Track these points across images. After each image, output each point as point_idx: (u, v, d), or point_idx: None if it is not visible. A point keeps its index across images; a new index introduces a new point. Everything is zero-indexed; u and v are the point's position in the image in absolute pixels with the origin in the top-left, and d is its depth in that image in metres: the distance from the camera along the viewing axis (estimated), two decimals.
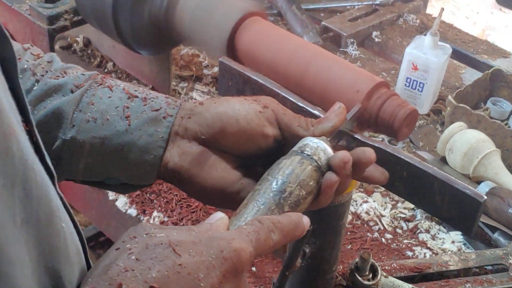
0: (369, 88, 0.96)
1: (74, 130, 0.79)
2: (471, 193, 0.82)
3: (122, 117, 0.79)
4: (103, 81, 0.83)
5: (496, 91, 1.63)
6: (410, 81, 1.57)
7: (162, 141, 0.79)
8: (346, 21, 1.86)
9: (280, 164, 0.76)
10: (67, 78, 0.81)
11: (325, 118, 0.82)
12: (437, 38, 1.53)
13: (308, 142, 0.78)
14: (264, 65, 1.05)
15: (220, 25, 1.09)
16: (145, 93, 0.83)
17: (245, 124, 0.78)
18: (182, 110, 0.81)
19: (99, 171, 0.81)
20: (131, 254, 0.58)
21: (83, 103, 0.80)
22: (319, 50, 1.04)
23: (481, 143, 1.39)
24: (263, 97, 0.83)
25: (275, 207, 0.72)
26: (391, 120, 0.91)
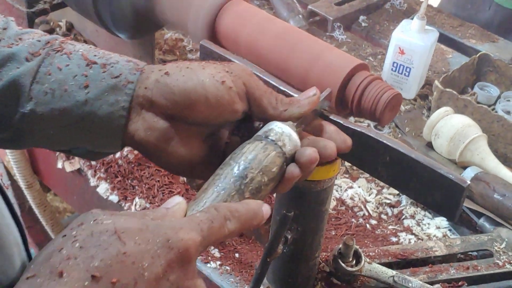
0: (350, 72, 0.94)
1: (33, 103, 0.76)
2: (454, 178, 0.80)
3: (80, 87, 0.76)
4: (61, 47, 0.79)
5: (483, 76, 1.62)
6: (396, 66, 1.55)
7: (123, 110, 0.76)
8: (333, 5, 1.84)
9: (243, 148, 0.74)
10: (21, 46, 0.78)
11: (296, 101, 0.80)
12: (424, 22, 1.51)
13: (274, 126, 0.76)
14: (246, 48, 1.03)
15: (201, 8, 1.07)
16: (105, 57, 0.79)
17: (215, 101, 0.76)
18: (146, 79, 0.77)
19: (62, 142, 0.79)
20: (75, 242, 0.57)
21: (40, 74, 0.76)
22: (301, 33, 1.02)
23: (467, 128, 1.38)
24: (235, 65, 0.80)
25: (235, 193, 0.70)
26: (373, 104, 0.90)
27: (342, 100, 0.95)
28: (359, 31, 1.84)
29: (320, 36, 1.76)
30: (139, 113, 0.77)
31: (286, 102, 0.80)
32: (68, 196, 1.48)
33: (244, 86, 0.78)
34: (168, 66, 0.79)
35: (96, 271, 0.55)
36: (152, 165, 1.31)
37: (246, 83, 0.78)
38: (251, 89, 0.78)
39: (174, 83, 0.76)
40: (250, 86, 0.78)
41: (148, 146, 0.78)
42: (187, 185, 1.29)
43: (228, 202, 0.69)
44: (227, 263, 1.15)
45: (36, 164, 1.56)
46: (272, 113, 0.79)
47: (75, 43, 0.81)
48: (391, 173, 0.86)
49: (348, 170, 1.39)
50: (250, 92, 0.78)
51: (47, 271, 0.55)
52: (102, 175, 1.31)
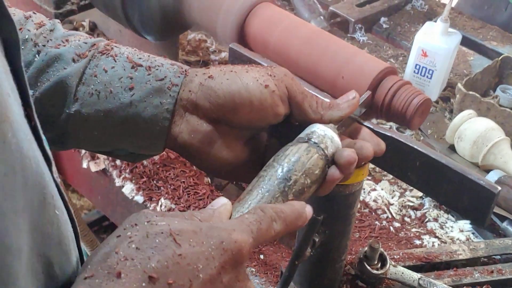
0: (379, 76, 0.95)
1: (78, 104, 0.78)
2: (485, 184, 0.80)
3: (126, 89, 0.78)
4: (107, 49, 0.80)
5: (505, 79, 1.62)
6: (419, 68, 1.55)
7: (168, 112, 0.78)
8: (354, 6, 1.85)
9: (286, 150, 0.75)
10: (68, 47, 0.79)
11: (336, 104, 0.81)
12: (447, 25, 1.51)
13: (316, 129, 0.77)
14: (275, 52, 1.04)
15: (230, 11, 1.07)
16: (150, 60, 0.80)
17: (258, 105, 0.77)
18: (190, 82, 0.79)
19: (106, 143, 0.81)
20: (131, 243, 0.58)
21: (87, 75, 0.78)
22: (330, 37, 1.03)
23: (490, 131, 1.38)
24: (278, 68, 0.80)
25: (279, 195, 0.72)
26: (404, 109, 0.90)
27: (371, 104, 0.96)
28: (380, 32, 1.84)
29: (342, 37, 1.77)
30: (182, 116, 0.79)
31: (327, 106, 0.80)
32: (92, 196, 1.49)
33: (287, 90, 0.79)
34: (212, 69, 0.80)
35: (153, 272, 0.56)
36: (177, 166, 1.31)
37: (289, 87, 0.79)
38: (293, 93, 0.79)
39: (218, 86, 0.77)
40: (292, 90, 0.79)
41: (191, 149, 0.79)
42: (212, 186, 1.30)
43: (272, 203, 0.70)
44: (252, 265, 1.16)
45: (60, 163, 1.57)
46: (313, 116, 0.80)
47: (120, 46, 0.83)
48: (421, 178, 0.86)
49: (371, 173, 1.40)
50: (292, 95, 0.79)
51: (105, 272, 0.55)
52: (127, 175, 1.32)
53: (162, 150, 0.81)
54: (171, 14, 1.19)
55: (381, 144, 0.81)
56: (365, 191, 1.35)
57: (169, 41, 1.40)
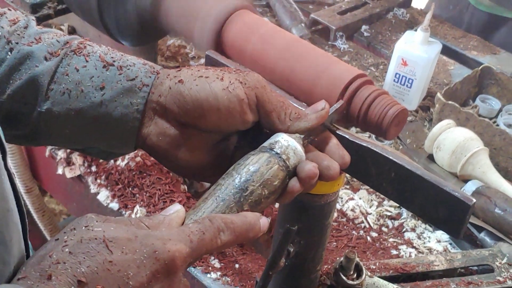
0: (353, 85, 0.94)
1: (49, 102, 0.77)
2: (460, 196, 0.80)
3: (96, 88, 0.77)
4: (79, 48, 0.80)
5: (485, 89, 1.62)
6: (399, 77, 1.55)
7: (138, 112, 0.78)
8: (335, 14, 1.84)
9: (247, 159, 0.74)
10: (41, 45, 0.79)
11: (304, 115, 0.80)
12: (428, 34, 1.51)
13: (279, 139, 0.76)
14: (252, 59, 1.03)
15: (207, 18, 1.06)
16: (122, 60, 0.80)
17: (226, 112, 0.77)
18: (160, 84, 0.78)
19: (77, 141, 0.81)
20: (65, 247, 0.59)
21: (58, 74, 0.78)
22: (307, 45, 1.02)
23: (469, 141, 1.37)
24: (250, 75, 0.80)
25: (234, 205, 0.71)
26: (380, 119, 0.90)
27: (347, 113, 0.95)
28: (361, 40, 1.84)
29: (322, 45, 1.77)
30: (152, 118, 0.79)
31: (294, 117, 0.80)
32: (67, 202, 1.47)
33: (256, 98, 0.78)
34: (183, 72, 0.80)
35: (83, 276, 0.57)
36: (153, 173, 1.30)
37: (258, 95, 0.78)
38: (262, 102, 0.79)
39: (187, 92, 0.77)
40: (261, 99, 0.78)
41: (160, 151, 0.80)
42: (188, 194, 1.29)
43: (226, 213, 0.70)
44: (228, 274, 1.15)
45: (35, 169, 1.56)
46: (280, 126, 0.79)
47: (94, 45, 0.82)
48: (396, 189, 0.85)
49: (349, 181, 1.39)
50: (261, 104, 0.79)
51: (38, 274, 0.57)
52: (103, 182, 1.31)
53: (133, 149, 0.82)
54: (148, 20, 1.17)
55: (346, 157, 0.81)
56: (343, 200, 1.34)
57: (148, 47, 1.39)
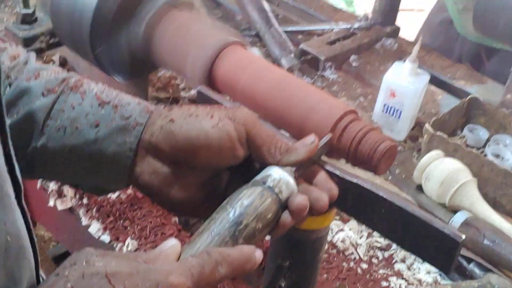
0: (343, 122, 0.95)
1: (45, 138, 0.79)
2: (449, 233, 0.81)
3: (91, 126, 0.79)
4: (76, 85, 0.81)
5: (473, 119, 1.64)
6: (388, 108, 1.57)
7: (130, 151, 0.79)
8: (324, 44, 1.86)
9: (240, 193, 0.75)
10: (39, 81, 0.80)
11: (294, 148, 0.81)
12: (416, 65, 1.53)
13: (271, 172, 0.78)
14: (243, 95, 1.04)
15: (199, 54, 1.08)
16: (117, 98, 0.81)
17: (217, 149, 0.78)
18: (152, 124, 0.80)
19: (71, 176, 0.82)
20: (67, 282, 0.59)
21: (55, 110, 0.79)
22: (297, 81, 1.03)
23: (457, 172, 1.39)
24: (240, 111, 0.81)
25: (229, 239, 0.71)
26: (369, 156, 0.91)
27: (338, 149, 0.96)
28: (350, 70, 1.86)
29: (312, 75, 1.79)
30: (144, 157, 0.80)
31: (285, 150, 0.81)
32: (59, 234, 1.47)
33: (246, 133, 0.80)
34: (174, 111, 0.81)
35: None
36: (144, 206, 1.31)
37: (248, 130, 0.80)
38: (252, 136, 0.80)
39: (178, 131, 0.78)
40: (251, 134, 0.80)
41: (152, 189, 0.81)
42: (180, 226, 1.29)
43: (222, 247, 0.70)
44: None
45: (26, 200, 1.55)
46: (270, 161, 0.80)
47: (90, 83, 0.84)
48: (387, 225, 0.86)
49: (339, 212, 1.40)
50: (251, 139, 0.80)
51: None
52: (94, 214, 1.31)
53: (126, 186, 0.83)
54: (140, 56, 1.19)
55: (334, 189, 0.82)
56: (333, 231, 1.35)
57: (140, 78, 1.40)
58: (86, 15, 1.14)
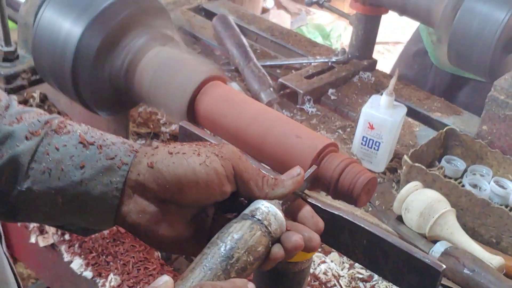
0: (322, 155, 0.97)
1: (30, 181, 0.78)
2: (430, 263, 0.82)
3: (77, 167, 0.79)
4: (60, 127, 0.81)
5: (450, 150, 1.66)
6: (366, 140, 1.59)
7: (117, 191, 0.79)
8: (303, 78, 1.89)
9: (230, 227, 0.76)
10: (22, 125, 0.80)
11: (281, 181, 0.82)
12: (392, 98, 1.56)
13: (260, 206, 0.79)
14: (224, 130, 1.06)
15: (180, 89, 1.09)
16: (102, 139, 0.82)
17: (205, 186, 0.79)
18: (138, 163, 0.80)
19: (56, 218, 0.81)
20: None
21: (39, 153, 0.79)
22: (277, 115, 1.05)
23: (436, 202, 1.41)
24: (225, 147, 0.82)
25: (221, 273, 0.72)
26: (350, 189, 0.92)
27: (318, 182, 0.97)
28: (329, 103, 1.88)
29: (291, 109, 1.81)
30: (131, 197, 0.80)
31: (272, 183, 0.82)
32: (40, 271, 1.46)
33: (233, 169, 0.81)
34: (160, 150, 0.81)
35: None
36: (127, 241, 1.31)
37: (235, 166, 0.81)
38: (239, 172, 0.81)
39: (165, 169, 0.78)
40: (238, 169, 0.81)
41: (139, 228, 0.80)
42: (162, 261, 1.29)
43: (214, 281, 0.71)
44: None
45: (7, 237, 1.55)
46: (258, 194, 0.81)
47: (74, 124, 0.84)
48: (368, 256, 0.88)
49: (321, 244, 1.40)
50: (238, 174, 0.81)
51: None
52: (76, 250, 1.31)
53: (112, 225, 0.82)
54: (122, 91, 1.20)
55: (320, 223, 0.83)
56: (315, 263, 1.36)
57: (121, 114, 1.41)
58: (68, 52, 1.15)
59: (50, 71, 1.20)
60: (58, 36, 1.16)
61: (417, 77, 2.25)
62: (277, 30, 2.27)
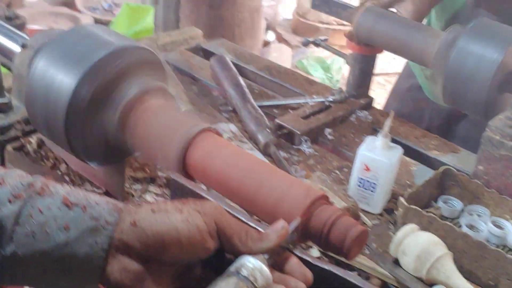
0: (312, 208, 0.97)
1: (14, 245, 0.78)
2: None
3: (61, 229, 0.79)
4: (43, 189, 0.82)
5: (447, 190, 1.66)
6: (362, 182, 1.59)
7: (102, 251, 0.79)
8: (300, 118, 1.89)
9: (216, 286, 0.77)
10: (5, 188, 0.80)
11: (266, 235, 0.83)
12: (388, 140, 1.56)
13: (245, 261, 0.79)
14: (216, 181, 1.06)
15: (171, 143, 1.10)
16: (85, 199, 0.82)
17: (187, 243, 0.79)
18: (122, 221, 0.80)
19: (42, 280, 0.81)
20: None
21: (22, 216, 0.79)
22: (268, 167, 1.06)
23: (433, 246, 1.40)
24: (208, 203, 0.83)
25: None
26: (340, 241, 0.92)
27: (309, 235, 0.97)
28: (326, 143, 1.89)
29: (288, 149, 1.81)
30: (114, 256, 0.80)
31: (256, 238, 0.83)
32: None
33: (216, 225, 0.81)
34: (143, 208, 0.82)
35: None
36: None
37: (218, 222, 0.82)
38: (222, 228, 0.82)
39: (148, 227, 0.79)
40: (221, 225, 0.82)
41: (124, 287, 0.80)
42: None
43: None
44: None
45: None
46: (242, 249, 0.82)
47: (57, 185, 0.84)
48: None
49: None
50: (221, 230, 0.82)
51: None
52: None
53: (97, 286, 0.82)
54: (115, 143, 1.20)
55: (308, 274, 0.84)
56: None
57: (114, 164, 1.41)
58: (61, 103, 1.16)
59: (43, 122, 1.21)
60: (51, 88, 1.17)
61: (412, 112, 2.26)
62: (274, 69, 2.28)
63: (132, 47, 1.21)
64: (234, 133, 1.79)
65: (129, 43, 1.21)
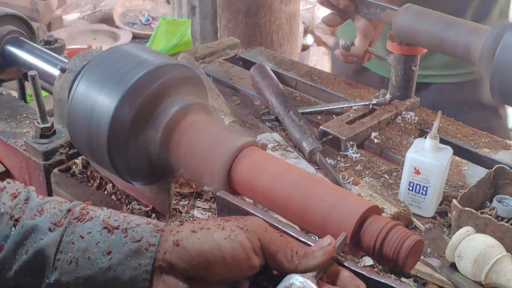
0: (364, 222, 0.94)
1: (57, 272, 0.78)
2: None
3: (103, 253, 0.78)
4: (82, 214, 0.82)
5: (501, 189, 1.61)
6: (413, 185, 1.55)
7: (146, 273, 0.78)
8: (344, 124, 1.86)
9: None
10: (44, 217, 0.81)
11: (311, 252, 0.81)
12: (437, 141, 1.52)
13: (294, 281, 0.77)
14: (263, 196, 1.04)
15: (216, 159, 1.08)
16: (126, 221, 0.82)
17: (231, 261, 0.78)
18: (164, 242, 0.80)
19: None
20: None
21: (64, 243, 0.79)
22: (317, 180, 1.03)
23: (490, 248, 1.36)
24: (250, 220, 0.82)
25: None
26: (395, 254, 0.89)
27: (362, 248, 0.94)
28: (373, 147, 1.85)
29: (334, 156, 1.78)
30: (159, 276, 0.79)
31: (302, 255, 0.81)
32: None
33: (259, 242, 0.79)
34: (184, 227, 0.81)
35: None
36: None
37: (261, 238, 0.80)
38: (266, 244, 0.80)
39: (190, 246, 0.78)
40: (265, 241, 0.80)
41: None
42: None
43: None
44: None
45: None
46: (288, 267, 0.80)
47: (96, 209, 0.84)
48: None
49: None
50: (265, 247, 0.80)
51: None
52: None
53: None
54: (158, 163, 1.19)
55: (361, 287, 0.82)
56: None
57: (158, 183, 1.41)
58: (103, 126, 1.15)
59: (86, 145, 1.20)
60: (92, 110, 1.17)
61: None
62: (315, 74, 2.26)
63: (170, 64, 1.19)
64: (278, 142, 1.77)
65: (166, 61, 1.19)
